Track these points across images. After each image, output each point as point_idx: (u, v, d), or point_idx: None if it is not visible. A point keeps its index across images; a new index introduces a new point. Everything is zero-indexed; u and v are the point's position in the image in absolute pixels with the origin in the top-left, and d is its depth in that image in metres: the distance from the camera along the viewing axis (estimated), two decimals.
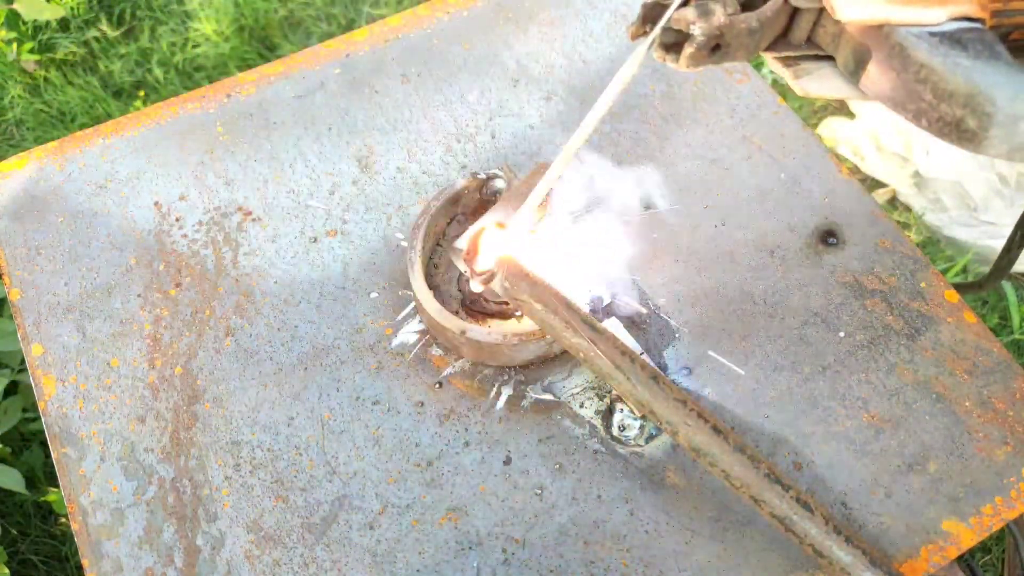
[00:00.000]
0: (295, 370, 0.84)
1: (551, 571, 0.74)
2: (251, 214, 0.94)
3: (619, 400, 0.81)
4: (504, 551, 0.75)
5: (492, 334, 0.78)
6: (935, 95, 0.50)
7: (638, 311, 0.85)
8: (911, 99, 0.52)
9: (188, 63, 2.19)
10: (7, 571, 1.35)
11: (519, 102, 1.03)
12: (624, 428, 0.80)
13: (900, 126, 1.98)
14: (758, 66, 2.16)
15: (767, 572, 0.74)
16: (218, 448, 0.80)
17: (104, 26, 2.25)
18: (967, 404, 0.82)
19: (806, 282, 0.89)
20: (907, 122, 0.53)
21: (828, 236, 0.92)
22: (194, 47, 2.22)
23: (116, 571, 0.74)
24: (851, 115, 2.09)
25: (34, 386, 0.83)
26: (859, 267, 0.90)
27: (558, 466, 0.79)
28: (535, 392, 0.82)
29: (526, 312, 0.76)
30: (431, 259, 0.89)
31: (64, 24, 2.24)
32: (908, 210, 1.98)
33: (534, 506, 0.77)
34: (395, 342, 0.86)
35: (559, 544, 0.75)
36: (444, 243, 0.90)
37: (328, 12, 2.26)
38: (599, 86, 1.03)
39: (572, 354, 0.75)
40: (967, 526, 0.76)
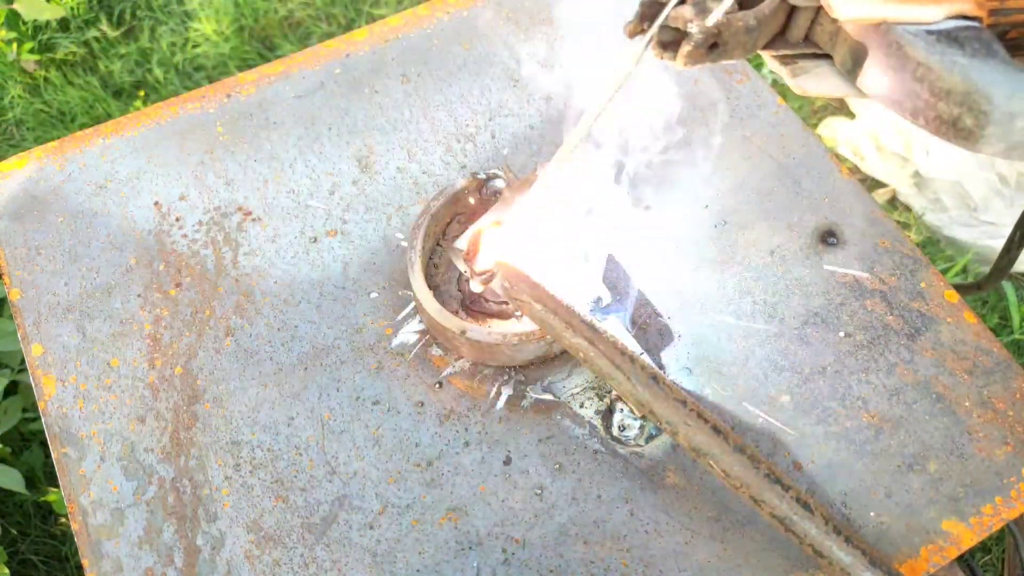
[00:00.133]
0: (295, 370, 0.84)
1: (551, 571, 0.74)
2: (251, 214, 0.94)
3: (619, 400, 0.81)
4: (504, 551, 0.75)
5: (492, 334, 0.78)
6: (932, 93, 0.50)
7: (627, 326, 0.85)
8: (908, 97, 0.52)
9: (188, 63, 2.19)
10: (7, 571, 1.35)
11: (519, 102, 1.03)
12: (624, 428, 0.80)
13: (900, 126, 1.98)
14: (758, 66, 2.16)
15: (767, 572, 0.74)
16: (218, 448, 0.80)
17: (104, 26, 2.25)
18: (967, 404, 0.82)
19: (806, 282, 0.89)
20: (906, 121, 0.54)
21: (828, 236, 0.92)
22: (194, 47, 2.22)
23: (116, 571, 0.74)
24: (851, 115, 2.09)
25: (34, 386, 0.83)
26: (859, 267, 0.90)
27: (558, 466, 0.79)
28: (535, 392, 0.82)
29: (526, 312, 0.76)
30: (431, 259, 0.89)
31: (64, 24, 2.24)
32: (908, 210, 1.98)
33: (534, 506, 0.77)
34: (395, 342, 0.86)
35: (559, 544, 0.75)
36: (444, 243, 0.90)
37: (328, 12, 2.26)
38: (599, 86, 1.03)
39: (572, 354, 0.75)
40: (967, 526, 0.76)
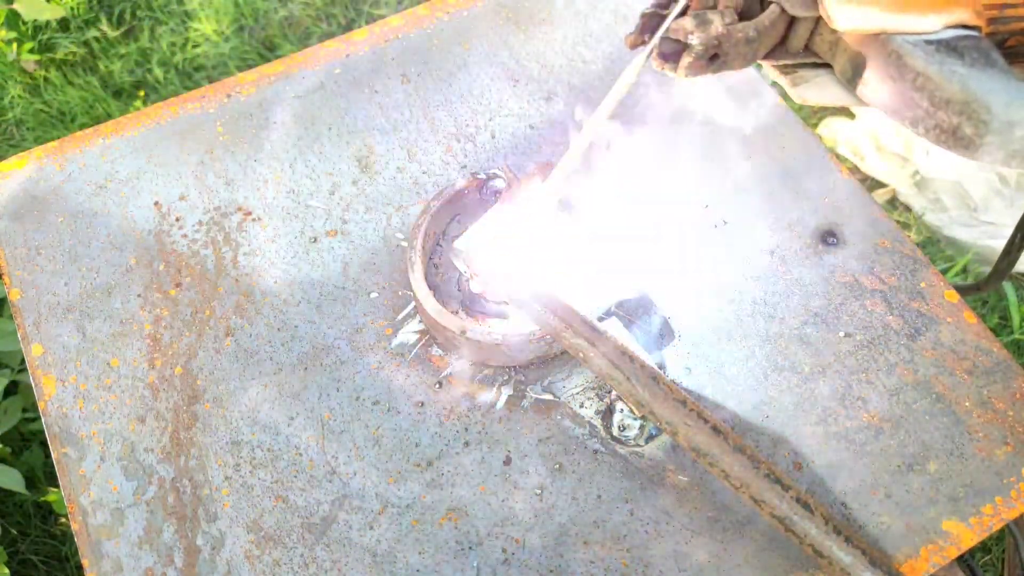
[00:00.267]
0: (295, 370, 0.84)
1: (551, 571, 0.74)
2: (251, 214, 0.94)
3: (619, 400, 0.81)
4: (504, 551, 0.75)
5: (492, 334, 0.78)
6: (932, 103, 0.51)
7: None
8: (908, 106, 0.53)
9: (188, 63, 2.19)
10: (7, 571, 1.35)
11: (519, 102, 1.03)
12: (624, 428, 0.80)
13: (900, 127, 1.98)
14: (758, 66, 2.16)
15: (767, 572, 0.74)
16: (218, 448, 0.80)
17: (104, 26, 2.25)
18: (967, 404, 0.82)
19: (806, 282, 0.89)
20: (906, 129, 0.54)
21: (828, 236, 0.92)
22: (194, 47, 2.22)
23: (116, 571, 0.74)
24: (851, 115, 2.09)
25: (34, 386, 0.83)
26: (859, 267, 0.90)
27: (558, 466, 0.79)
28: (535, 392, 0.82)
29: (526, 312, 0.76)
30: (431, 259, 0.89)
31: (64, 24, 2.24)
32: (908, 210, 1.98)
33: (534, 506, 0.77)
34: (395, 342, 0.86)
35: (559, 544, 0.75)
36: (444, 243, 0.90)
37: (328, 12, 2.26)
38: (599, 86, 1.03)
39: (572, 354, 0.75)
40: (967, 526, 0.76)
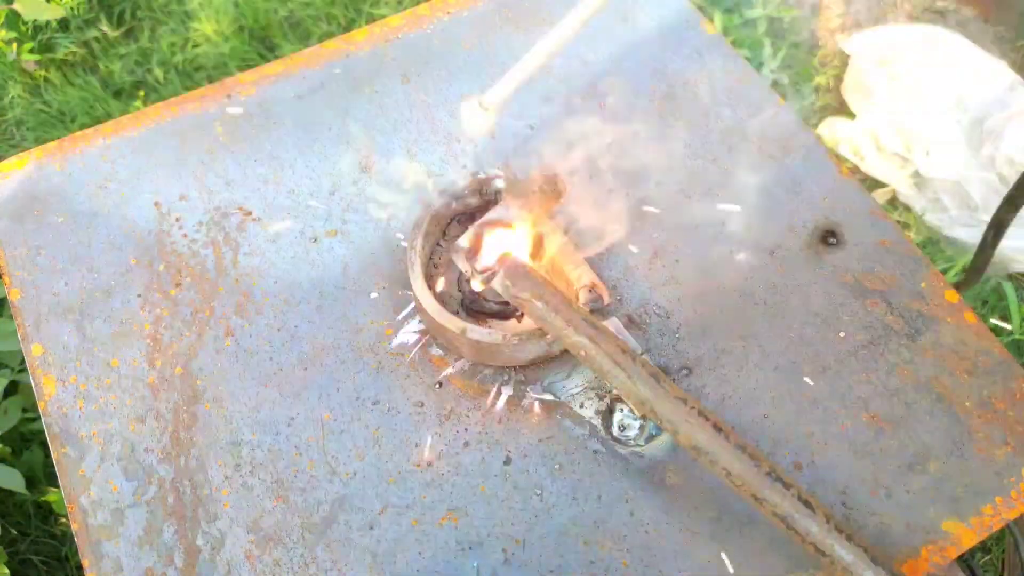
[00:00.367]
0: (295, 370, 0.84)
1: (551, 571, 0.74)
2: (251, 214, 0.94)
3: (619, 400, 0.81)
4: (504, 551, 0.75)
5: (492, 334, 0.78)
6: None
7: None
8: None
9: (188, 63, 2.19)
10: (7, 571, 1.35)
11: (519, 102, 1.02)
12: (624, 428, 0.80)
13: (900, 126, 1.98)
14: (758, 66, 2.16)
15: (767, 572, 0.74)
16: (218, 448, 0.80)
17: (104, 26, 2.24)
18: (967, 404, 0.82)
19: (806, 282, 0.89)
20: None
21: (828, 236, 0.92)
22: (194, 47, 2.22)
23: (116, 571, 0.74)
24: (851, 115, 2.09)
25: (34, 386, 0.83)
26: (859, 267, 0.90)
27: (558, 466, 0.79)
28: (535, 392, 0.82)
29: (527, 310, 0.76)
30: (431, 259, 0.89)
31: (64, 24, 2.24)
32: (908, 210, 1.98)
33: (534, 506, 0.77)
34: (395, 342, 0.86)
35: (559, 544, 0.75)
36: (444, 243, 0.90)
37: (328, 12, 2.26)
38: (599, 86, 1.03)
39: (572, 353, 0.75)
40: (967, 526, 0.76)
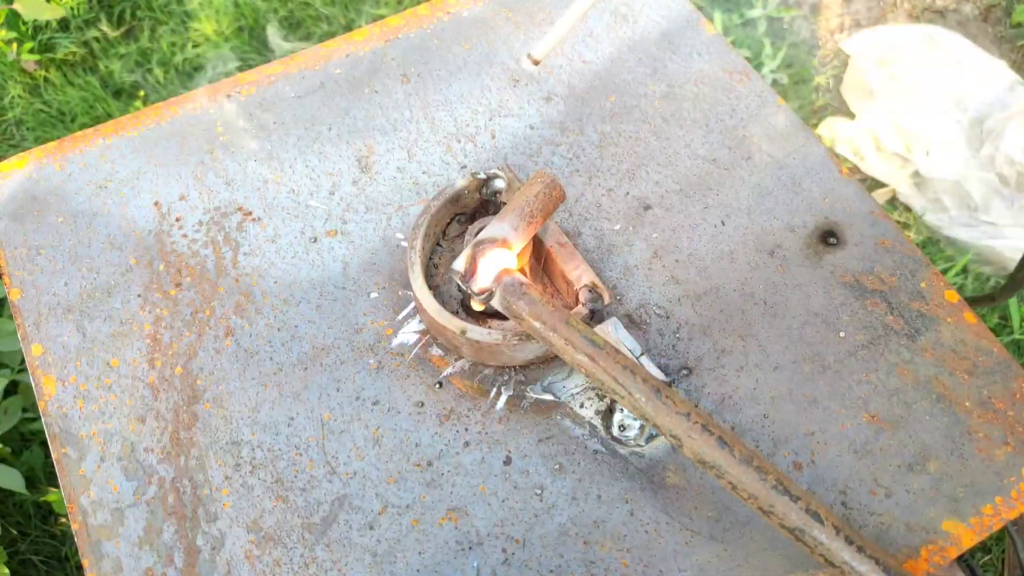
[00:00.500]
0: (295, 370, 0.84)
1: (551, 571, 0.74)
2: (251, 214, 0.94)
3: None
4: (504, 551, 0.75)
5: (492, 334, 0.78)
6: None
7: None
8: None
9: (188, 63, 2.19)
10: (7, 571, 1.35)
11: (519, 102, 1.03)
12: (624, 428, 0.80)
13: (900, 126, 1.98)
14: (758, 66, 2.16)
15: (767, 572, 0.74)
16: (218, 448, 0.80)
17: (104, 26, 2.24)
18: (967, 404, 0.82)
19: (806, 282, 0.89)
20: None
21: (828, 236, 0.92)
22: (194, 47, 2.22)
23: (116, 571, 0.74)
24: (851, 115, 2.09)
25: (34, 386, 0.83)
26: (859, 267, 0.90)
27: (558, 466, 0.79)
28: (535, 392, 0.82)
29: (526, 329, 0.75)
30: (431, 259, 0.89)
31: (64, 24, 2.24)
32: (908, 210, 1.98)
33: (534, 506, 0.77)
34: (395, 342, 0.86)
35: (559, 544, 0.75)
36: (444, 243, 0.90)
37: (328, 12, 2.26)
38: (599, 86, 1.03)
39: (573, 367, 0.75)
40: (967, 526, 0.76)
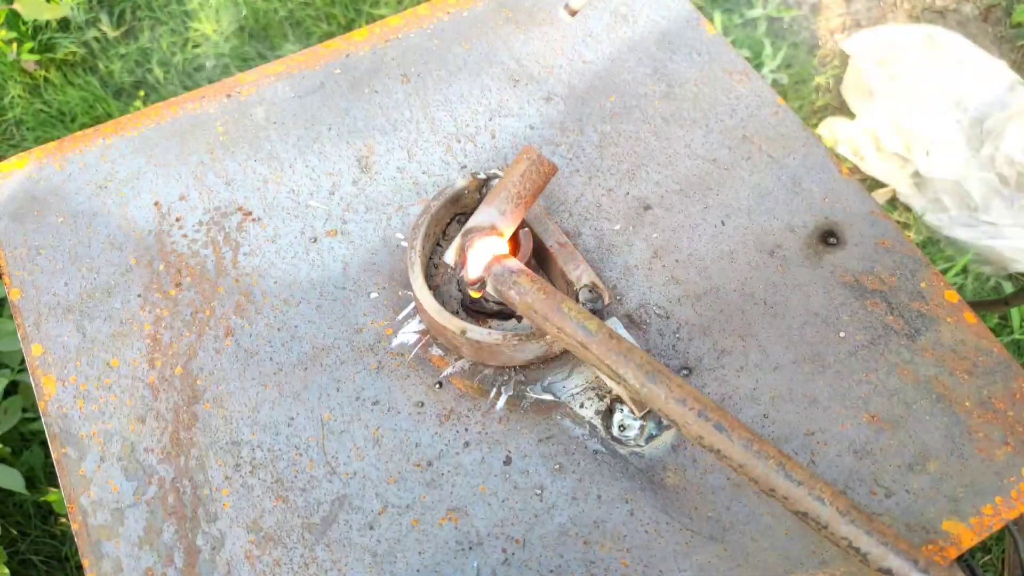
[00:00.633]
0: (295, 370, 0.84)
1: (551, 571, 0.74)
2: (251, 214, 0.94)
3: (619, 400, 0.81)
4: (504, 551, 0.75)
5: (492, 334, 0.78)
6: None
7: None
8: None
9: (188, 63, 2.19)
10: (7, 571, 1.35)
11: (519, 102, 1.03)
12: (624, 428, 0.80)
13: (900, 126, 1.98)
14: (758, 66, 2.17)
15: (767, 572, 0.74)
16: (218, 448, 0.80)
17: (104, 26, 2.25)
18: (967, 404, 0.82)
19: (806, 282, 0.89)
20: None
21: (828, 236, 0.92)
22: (194, 47, 2.22)
23: (116, 571, 0.74)
24: (851, 115, 2.09)
25: (34, 386, 0.83)
26: (859, 267, 0.90)
27: (558, 466, 0.79)
28: (535, 392, 0.82)
29: (521, 313, 0.75)
30: (431, 259, 0.89)
31: (64, 24, 2.24)
32: (908, 210, 1.98)
33: (534, 506, 0.77)
34: (395, 342, 0.86)
35: (559, 544, 0.75)
36: (444, 243, 0.90)
37: (328, 12, 2.26)
38: (599, 86, 1.03)
39: (571, 352, 0.75)
40: (967, 526, 0.76)
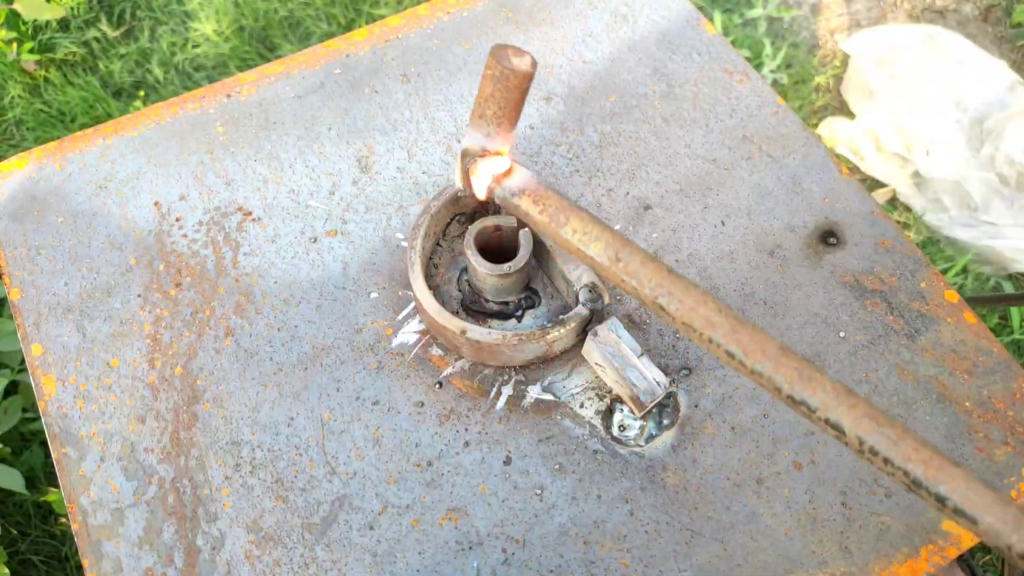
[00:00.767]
0: (295, 370, 0.84)
1: (551, 571, 0.74)
2: (251, 214, 0.94)
3: (619, 400, 0.81)
4: (504, 551, 0.75)
5: (492, 334, 0.78)
6: None
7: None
8: None
9: (188, 63, 2.19)
10: (7, 571, 1.35)
11: None
12: (624, 428, 0.80)
13: (900, 126, 1.98)
14: (758, 66, 2.16)
15: (767, 572, 0.74)
16: (218, 448, 0.80)
17: (104, 26, 2.25)
18: (967, 404, 0.82)
19: (806, 282, 0.89)
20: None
21: (828, 236, 0.92)
22: (194, 47, 2.22)
23: (116, 571, 0.74)
24: (851, 115, 2.09)
25: (34, 386, 0.83)
26: (859, 267, 0.90)
27: (558, 466, 0.79)
28: (535, 392, 0.82)
29: (529, 224, 0.68)
30: (431, 259, 0.89)
31: (64, 24, 2.24)
32: (908, 210, 1.98)
33: (534, 506, 0.77)
34: (395, 342, 0.86)
35: (559, 544, 0.75)
36: (444, 243, 0.90)
37: (328, 12, 2.26)
38: (599, 86, 1.03)
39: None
40: None
